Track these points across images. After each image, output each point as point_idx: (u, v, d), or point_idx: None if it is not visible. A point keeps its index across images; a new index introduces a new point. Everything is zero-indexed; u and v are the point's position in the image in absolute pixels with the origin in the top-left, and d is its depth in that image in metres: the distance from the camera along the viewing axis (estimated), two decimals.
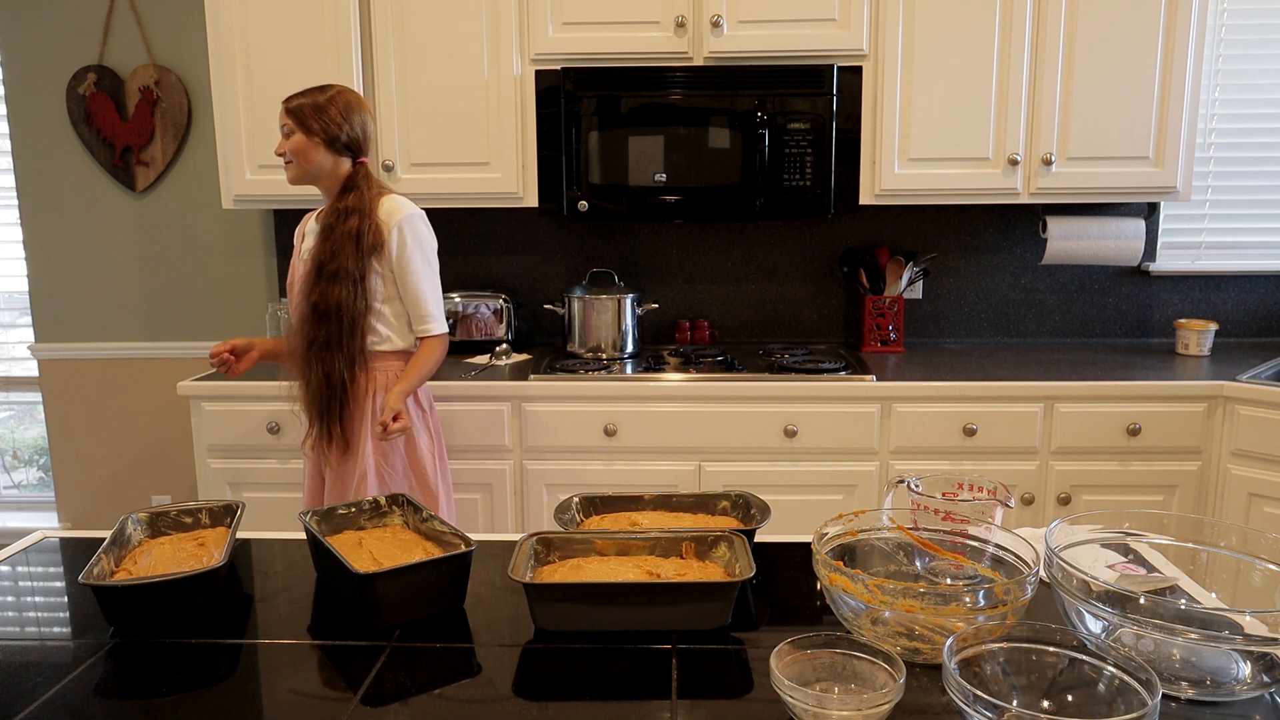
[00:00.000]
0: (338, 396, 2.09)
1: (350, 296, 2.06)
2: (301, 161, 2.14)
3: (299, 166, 2.15)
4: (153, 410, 3.32)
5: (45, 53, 3.14)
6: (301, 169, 2.15)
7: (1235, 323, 3.10)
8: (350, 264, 2.06)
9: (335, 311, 2.05)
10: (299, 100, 2.16)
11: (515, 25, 2.68)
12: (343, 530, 1.32)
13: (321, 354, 2.07)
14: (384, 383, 2.17)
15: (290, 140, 2.14)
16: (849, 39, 2.64)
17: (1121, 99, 2.65)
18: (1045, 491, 2.56)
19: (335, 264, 2.06)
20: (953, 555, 1.18)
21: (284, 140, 2.16)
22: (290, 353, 2.19)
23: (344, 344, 2.07)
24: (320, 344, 2.07)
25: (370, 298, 2.11)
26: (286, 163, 2.17)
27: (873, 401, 2.54)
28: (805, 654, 0.94)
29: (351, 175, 2.17)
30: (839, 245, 3.11)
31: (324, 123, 2.14)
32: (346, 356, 2.08)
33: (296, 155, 2.14)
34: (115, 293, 3.28)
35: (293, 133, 2.14)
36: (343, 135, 2.14)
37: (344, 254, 2.06)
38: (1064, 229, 2.90)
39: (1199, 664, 0.94)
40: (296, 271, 2.22)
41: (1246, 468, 2.46)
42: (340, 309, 2.05)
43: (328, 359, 2.07)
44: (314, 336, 2.07)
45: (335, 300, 2.05)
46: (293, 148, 2.14)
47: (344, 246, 2.06)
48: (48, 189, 3.23)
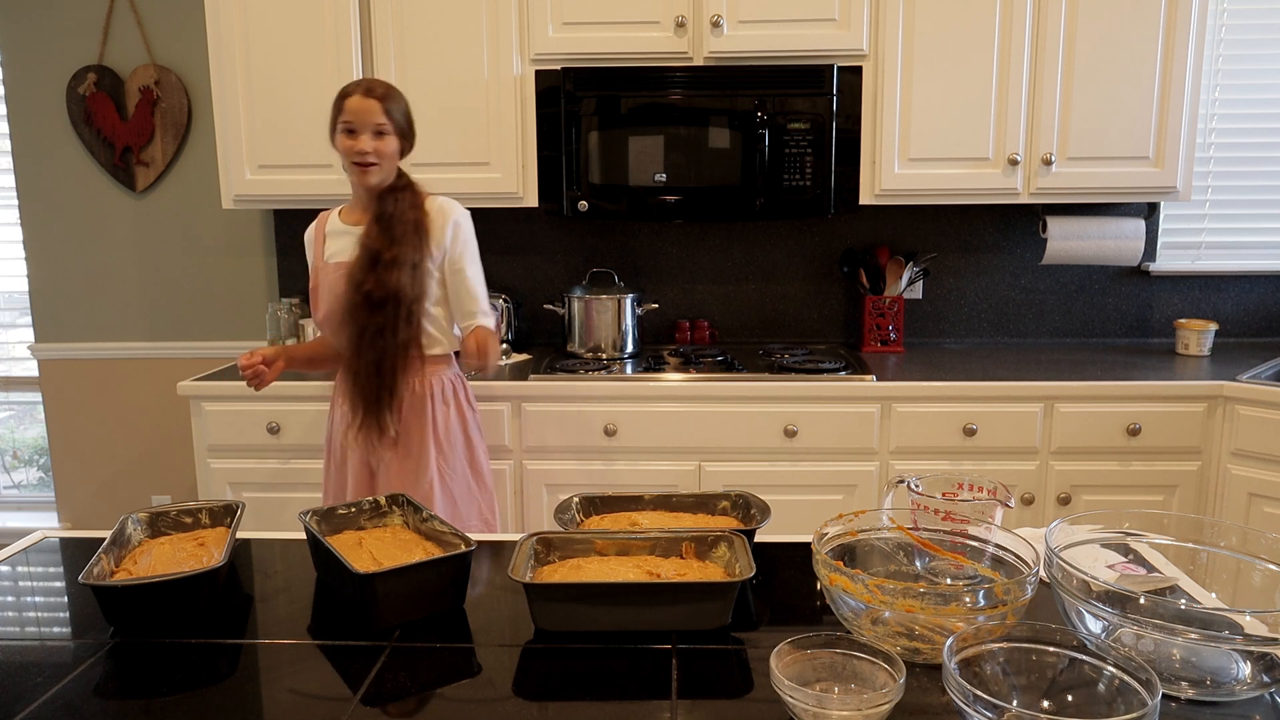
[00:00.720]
0: (388, 386, 1.99)
1: (409, 283, 1.97)
2: (389, 163, 2.01)
3: (385, 169, 2.02)
4: (153, 410, 3.32)
5: (45, 53, 3.15)
6: (388, 170, 2.02)
7: (1235, 323, 3.10)
8: (410, 252, 1.98)
9: (393, 297, 1.95)
10: (385, 91, 2.00)
11: (515, 25, 2.68)
12: (342, 530, 1.32)
13: (375, 340, 1.96)
14: (441, 390, 2.11)
15: (383, 141, 1.99)
16: (849, 39, 2.64)
17: (1121, 99, 2.65)
18: (1045, 491, 2.56)
19: (394, 252, 1.96)
20: (953, 555, 1.18)
21: (371, 139, 1.98)
22: (335, 350, 2.11)
23: (398, 330, 1.97)
24: (373, 331, 1.96)
25: (425, 289, 2.03)
26: (368, 164, 1.99)
27: (873, 401, 2.54)
28: (805, 654, 0.94)
29: (401, 171, 2.09)
30: (839, 245, 3.11)
31: (409, 119, 2.05)
32: (399, 344, 1.98)
33: (387, 158, 2.00)
34: (115, 293, 3.28)
35: (386, 133, 1.99)
36: (412, 130, 2.07)
37: (405, 242, 1.97)
38: (1064, 229, 2.90)
39: (1199, 664, 0.94)
40: (324, 276, 2.09)
41: (1246, 468, 2.46)
42: (399, 295, 1.95)
43: (379, 345, 1.96)
44: (366, 324, 1.97)
45: (393, 286, 1.95)
46: (389, 151, 2.00)
47: (406, 235, 1.97)
48: (48, 189, 3.23)
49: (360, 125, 1.97)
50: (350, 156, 1.99)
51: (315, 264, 2.12)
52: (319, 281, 2.10)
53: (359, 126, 1.97)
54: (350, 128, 1.98)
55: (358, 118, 1.97)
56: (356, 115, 1.97)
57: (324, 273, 2.09)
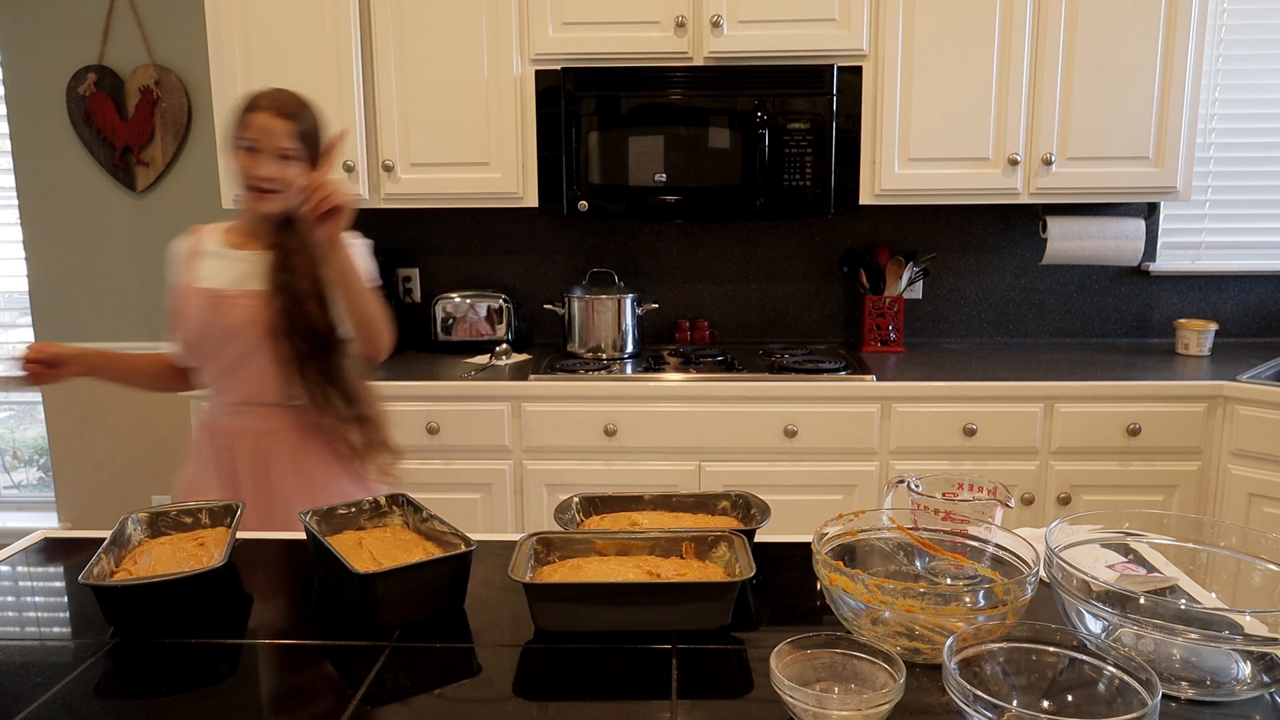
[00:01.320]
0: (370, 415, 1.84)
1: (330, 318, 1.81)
2: (291, 192, 1.71)
3: (287, 197, 1.72)
4: (153, 410, 3.32)
5: (45, 53, 3.15)
6: (288, 199, 1.72)
7: (1235, 323, 3.10)
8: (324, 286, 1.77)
9: (331, 333, 1.78)
10: (297, 110, 1.72)
11: (515, 25, 2.68)
12: (343, 530, 1.32)
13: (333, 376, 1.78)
14: None
15: (288, 168, 1.71)
16: (849, 39, 2.64)
17: (1121, 99, 2.65)
18: (1045, 491, 2.56)
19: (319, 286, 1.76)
20: (953, 555, 1.18)
21: (273, 164, 1.70)
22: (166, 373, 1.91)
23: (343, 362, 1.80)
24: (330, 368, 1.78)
25: None
26: (266, 191, 1.71)
27: (873, 401, 2.54)
28: (805, 654, 0.94)
29: None
30: (839, 245, 3.11)
31: (318, 139, 1.77)
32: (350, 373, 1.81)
33: (289, 185, 1.71)
34: (115, 292, 3.28)
35: (292, 158, 1.71)
36: (319, 150, 1.78)
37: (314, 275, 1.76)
38: (1064, 229, 2.90)
39: (1199, 664, 0.94)
40: (191, 299, 1.79)
41: (1246, 468, 2.46)
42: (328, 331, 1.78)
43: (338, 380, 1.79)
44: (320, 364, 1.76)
45: (326, 322, 1.77)
46: (291, 178, 1.71)
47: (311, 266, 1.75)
48: (48, 189, 3.23)
49: (263, 146, 1.69)
50: (247, 180, 1.72)
51: (180, 283, 1.83)
52: (185, 304, 1.81)
53: (261, 148, 1.69)
54: (250, 146, 1.70)
55: (262, 138, 1.69)
56: (261, 135, 1.69)
57: (191, 296, 1.80)
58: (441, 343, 3.05)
